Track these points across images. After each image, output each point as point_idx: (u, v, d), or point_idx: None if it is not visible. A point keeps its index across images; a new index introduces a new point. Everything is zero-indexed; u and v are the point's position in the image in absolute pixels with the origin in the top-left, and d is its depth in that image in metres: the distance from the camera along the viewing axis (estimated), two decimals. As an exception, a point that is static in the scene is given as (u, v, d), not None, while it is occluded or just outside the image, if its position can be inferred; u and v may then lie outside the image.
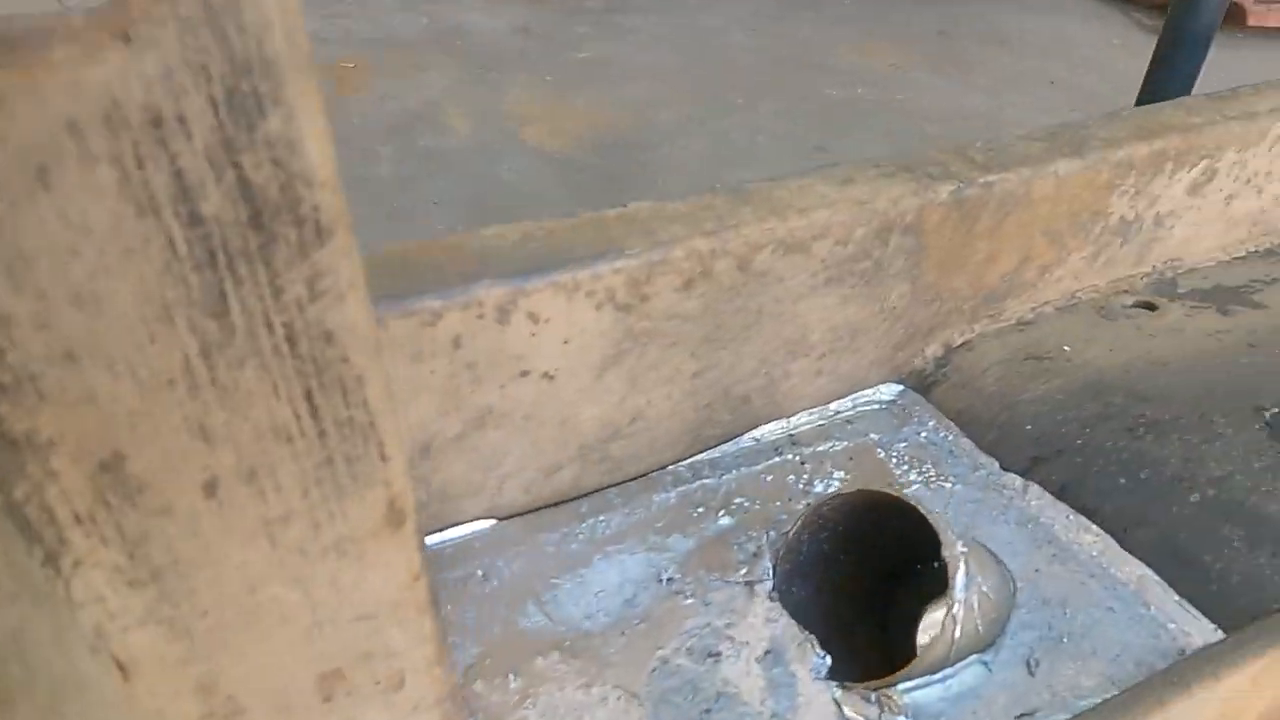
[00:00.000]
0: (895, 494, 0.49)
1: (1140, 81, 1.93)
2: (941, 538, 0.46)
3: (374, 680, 0.34)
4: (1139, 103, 1.54)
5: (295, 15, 0.22)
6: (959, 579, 0.45)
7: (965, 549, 0.47)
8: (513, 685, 0.46)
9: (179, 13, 0.20)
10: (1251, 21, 4.39)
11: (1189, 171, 0.73)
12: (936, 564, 0.47)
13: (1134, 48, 4.64)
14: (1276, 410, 0.62)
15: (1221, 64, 4.42)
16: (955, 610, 0.45)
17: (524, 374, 0.51)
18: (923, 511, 0.47)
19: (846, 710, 0.45)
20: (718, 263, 0.54)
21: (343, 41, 4.39)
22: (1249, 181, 0.78)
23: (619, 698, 0.46)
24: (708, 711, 0.45)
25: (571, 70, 4.08)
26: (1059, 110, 3.73)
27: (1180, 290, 0.78)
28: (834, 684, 0.47)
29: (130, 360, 0.23)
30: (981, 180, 0.62)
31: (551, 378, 0.52)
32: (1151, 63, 1.47)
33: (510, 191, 2.95)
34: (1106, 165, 0.67)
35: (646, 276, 0.51)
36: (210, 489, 0.27)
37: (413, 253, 0.50)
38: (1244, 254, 0.84)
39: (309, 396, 0.26)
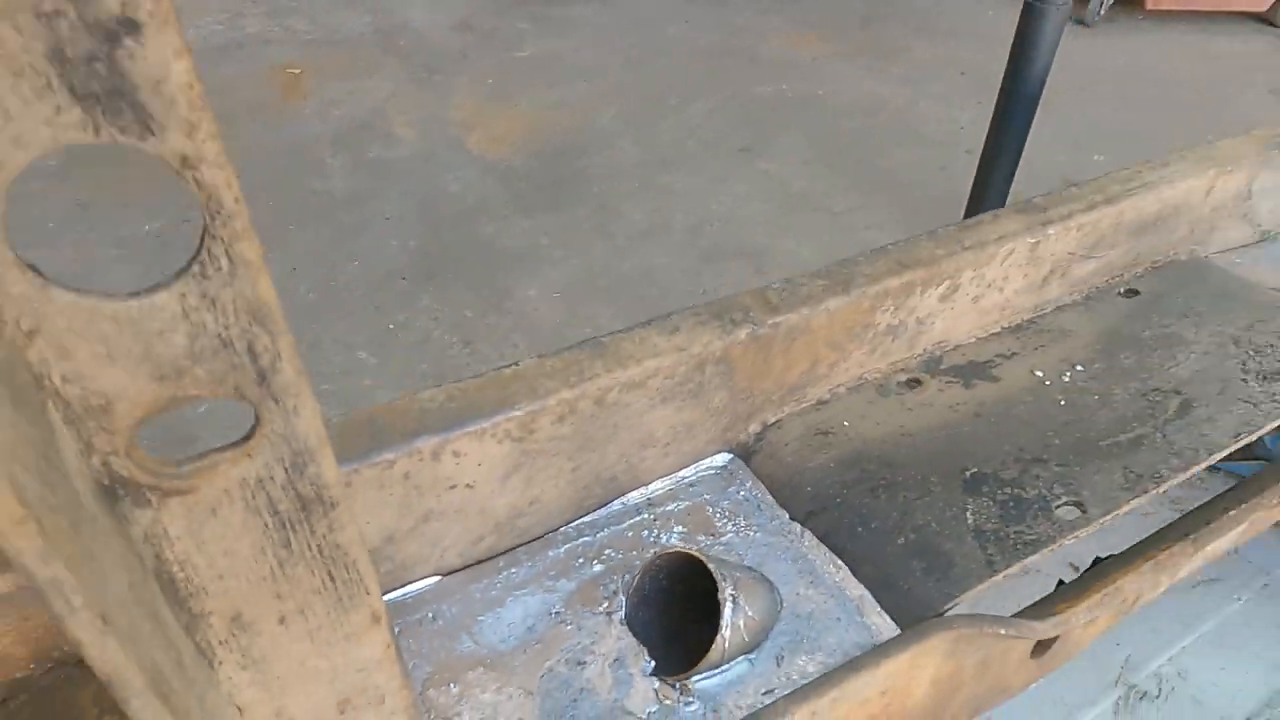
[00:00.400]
0: (696, 553, 0.77)
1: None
2: (718, 585, 0.74)
3: (368, 701, 0.62)
4: (985, 144, 1.82)
5: (320, 433, 0.47)
6: (727, 613, 0.73)
7: (734, 591, 0.75)
8: (453, 691, 0.73)
9: (271, 442, 0.45)
10: (1149, 5, 4.67)
11: (936, 289, 1.01)
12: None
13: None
14: (975, 470, 0.92)
15: (1123, 46, 4.68)
16: (725, 632, 0.73)
17: (453, 487, 0.78)
18: (710, 567, 0.75)
19: (660, 695, 0.74)
20: (580, 403, 0.80)
21: (288, 42, 4.48)
22: (990, 285, 1.06)
23: (520, 695, 0.74)
24: (575, 701, 0.73)
25: (513, 71, 4.22)
26: (966, 103, 4.01)
27: (942, 367, 1.07)
28: (655, 679, 0.75)
29: (248, 575, 0.50)
30: (770, 321, 0.89)
31: (472, 487, 0.79)
32: (992, 120, 1.74)
33: (457, 203, 3.15)
34: (868, 296, 0.95)
35: (532, 419, 0.78)
36: (282, 620, 0.53)
37: (375, 415, 0.76)
38: (998, 330, 1.13)
39: (330, 574, 0.53)
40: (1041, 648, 0.90)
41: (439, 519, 0.79)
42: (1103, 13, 4.68)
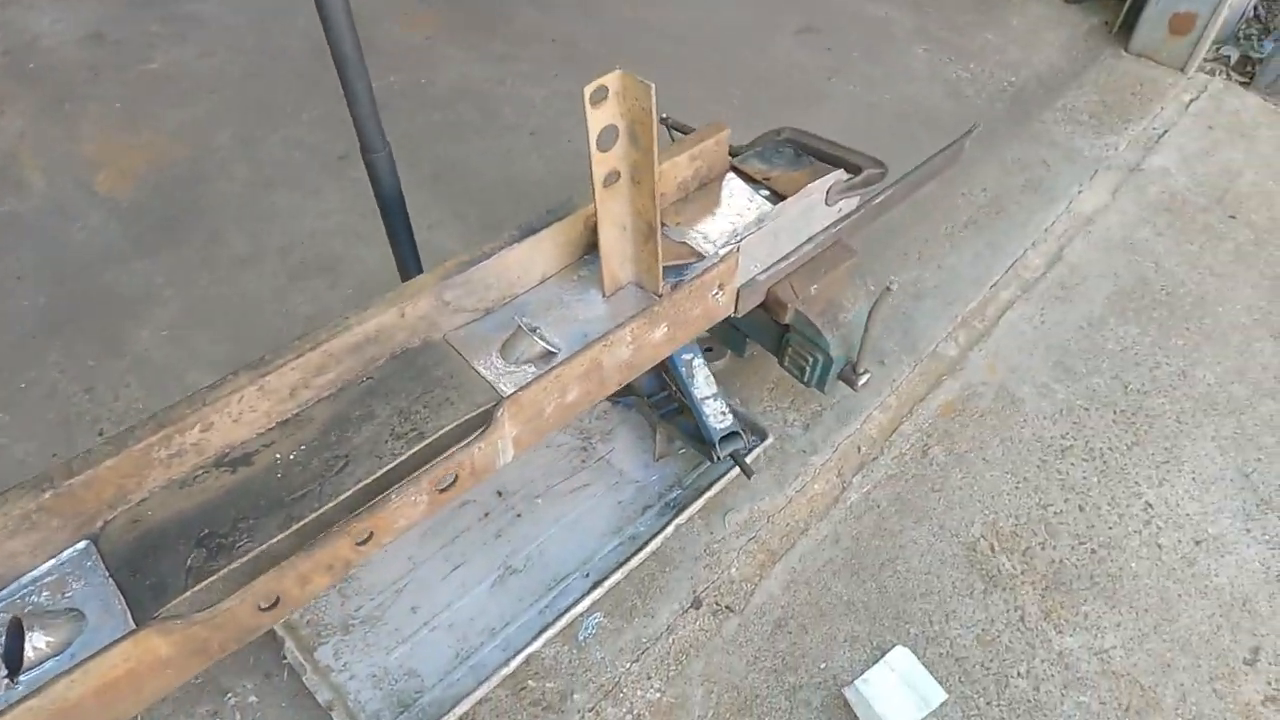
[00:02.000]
0: (19, 616, 1.61)
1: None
2: (23, 630, 1.59)
3: None
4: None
5: None
6: (29, 642, 1.58)
7: (44, 632, 1.60)
8: None
9: None
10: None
11: (194, 429, 1.83)
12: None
13: (633, -16, 5.56)
14: (207, 531, 1.78)
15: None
16: (29, 653, 1.59)
17: (-117, 612, 1.57)
18: (20, 621, 1.59)
19: (5, 687, 1.59)
20: (-53, 557, 1.60)
21: (-82, 75, 4.63)
22: (244, 411, 1.90)
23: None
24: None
25: (141, 89, 4.61)
26: (546, 76, 4.71)
27: (226, 460, 1.91)
28: (7, 681, 1.60)
29: None
30: (68, 483, 1.69)
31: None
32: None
33: (83, 252, 3.68)
34: (138, 449, 1.76)
35: (-84, 573, 1.58)
36: None
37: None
38: (271, 427, 1.97)
39: None
40: (271, 606, 1.81)
41: (-117, 627, 1.59)
42: (688, -41, 5.38)
